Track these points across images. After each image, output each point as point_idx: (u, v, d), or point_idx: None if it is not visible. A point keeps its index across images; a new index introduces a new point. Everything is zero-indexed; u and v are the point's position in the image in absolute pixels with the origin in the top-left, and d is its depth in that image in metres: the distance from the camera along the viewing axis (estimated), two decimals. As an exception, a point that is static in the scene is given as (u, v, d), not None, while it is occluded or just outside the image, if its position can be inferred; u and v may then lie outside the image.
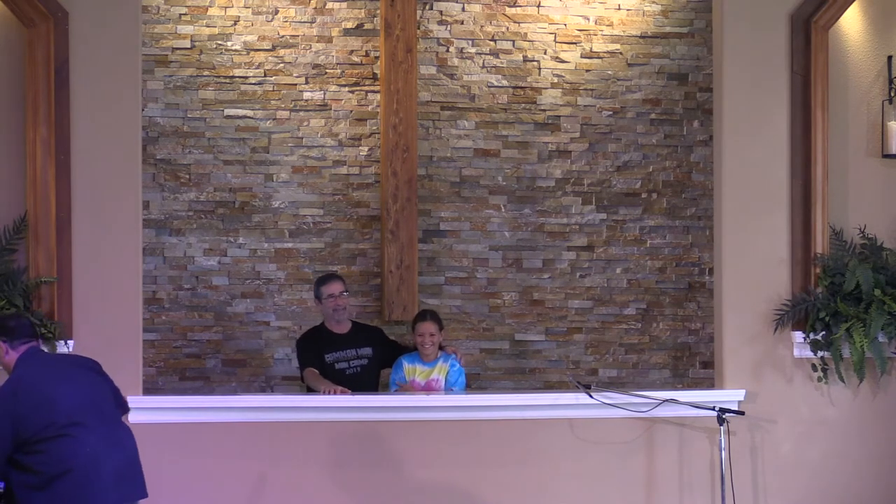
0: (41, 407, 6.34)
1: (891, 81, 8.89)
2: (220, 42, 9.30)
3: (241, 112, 9.34)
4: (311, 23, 9.41)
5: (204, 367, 9.28)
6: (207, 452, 8.04)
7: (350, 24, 9.45)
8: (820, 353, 8.60)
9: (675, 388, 9.26)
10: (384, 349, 8.70)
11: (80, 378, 6.57)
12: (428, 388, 8.50)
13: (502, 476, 8.33)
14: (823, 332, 8.57)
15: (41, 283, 7.95)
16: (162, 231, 9.22)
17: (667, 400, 8.37)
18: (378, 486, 8.21)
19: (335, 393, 8.14)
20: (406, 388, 8.51)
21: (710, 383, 9.22)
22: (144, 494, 6.62)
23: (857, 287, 8.57)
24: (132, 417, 7.99)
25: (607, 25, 9.69)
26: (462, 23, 9.57)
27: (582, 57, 9.68)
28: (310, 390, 8.44)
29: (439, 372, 8.55)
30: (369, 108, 9.44)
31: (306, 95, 9.40)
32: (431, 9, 9.53)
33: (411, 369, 8.56)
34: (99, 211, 8.08)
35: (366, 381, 8.56)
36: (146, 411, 7.96)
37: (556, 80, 9.65)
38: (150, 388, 8.69)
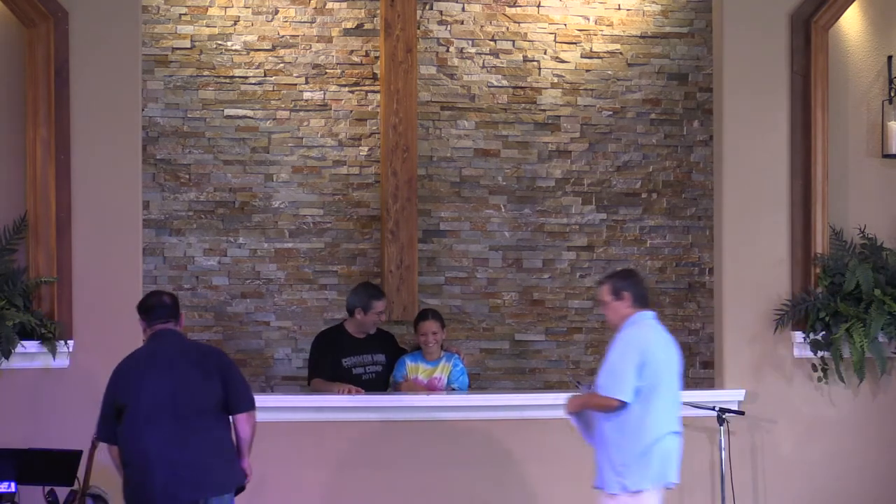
0: (128, 390, 6.76)
1: (891, 81, 8.90)
2: (220, 42, 9.30)
3: (241, 112, 9.33)
4: (311, 23, 9.41)
5: (204, 367, 9.27)
6: (207, 452, 8.04)
7: (350, 24, 9.45)
8: (820, 353, 8.61)
9: (675, 388, 9.25)
10: (396, 357, 8.71)
11: (174, 372, 6.79)
12: (430, 387, 8.51)
13: (502, 476, 8.33)
14: (823, 332, 8.57)
15: (41, 283, 7.95)
16: (162, 231, 9.22)
17: (667, 400, 8.37)
18: (378, 485, 8.22)
19: (350, 393, 8.16)
20: (408, 384, 8.51)
21: (710, 383, 9.22)
22: (197, 496, 6.73)
23: (857, 287, 8.58)
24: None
25: (607, 25, 9.68)
26: (462, 23, 9.57)
27: (582, 57, 9.68)
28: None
29: (442, 371, 8.56)
30: (369, 108, 9.43)
31: (306, 95, 9.40)
32: (431, 9, 9.53)
33: (414, 367, 8.57)
34: (99, 211, 8.09)
35: (379, 387, 8.57)
36: (146, 411, 7.95)
37: (556, 80, 9.64)
38: (150, 388, 8.68)
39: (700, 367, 9.72)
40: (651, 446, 6.78)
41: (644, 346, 6.88)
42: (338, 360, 8.52)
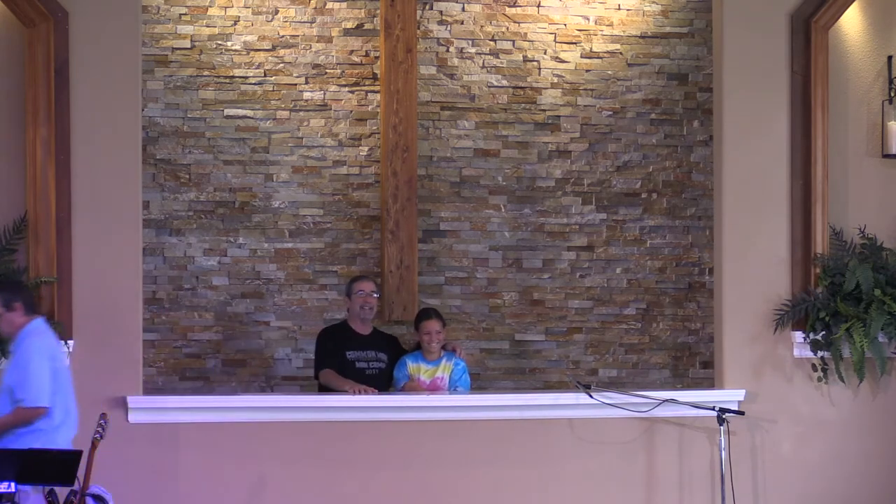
0: None
1: (891, 81, 8.90)
2: (220, 42, 9.30)
3: (241, 112, 9.33)
4: (311, 23, 9.41)
5: (204, 367, 9.28)
6: (207, 452, 8.04)
7: (350, 24, 9.45)
8: (820, 353, 8.61)
9: (675, 388, 9.26)
10: (398, 358, 8.70)
11: None
12: (433, 387, 8.50)
13: (502, 476, 8.33)
14: (823, 332, 8.57)
15: (41, 283, 7.95)
16: (162, 231, 9.22)
17: (667, 400, 8.38)
18: (377, 485, 8.22)
19: (363, 392, 8.15)
20: (411, 386, 8.50)
21: (710, 383, 9.22)
22: None
23: (857, 287, 8.58)
24: (132, 417, 8.01)
25: (607, 25, 9.68)
26: (462, 23, 9.57)
27: (582, 57, 9.68)
28: (322, 389, 8.44)
29: (444, 370, 8.56)
30: (369, 108, 9.43)
31: (306, 95, 9.40)
32: (431, 9, 9.53)
33: (415, 368, 8.56)
34: (99, 211, 8.09)
35: (381, 384, 8.57)
36: (146, 411, 7.96)
37: (556, 80, 9.64)
38: (150, 388, 8.69)
39: (700, 367, 9.72)
40: (62, 447, 7.10)
41: (51, 353, 7.22)
42: (342, 353, 8.53)
